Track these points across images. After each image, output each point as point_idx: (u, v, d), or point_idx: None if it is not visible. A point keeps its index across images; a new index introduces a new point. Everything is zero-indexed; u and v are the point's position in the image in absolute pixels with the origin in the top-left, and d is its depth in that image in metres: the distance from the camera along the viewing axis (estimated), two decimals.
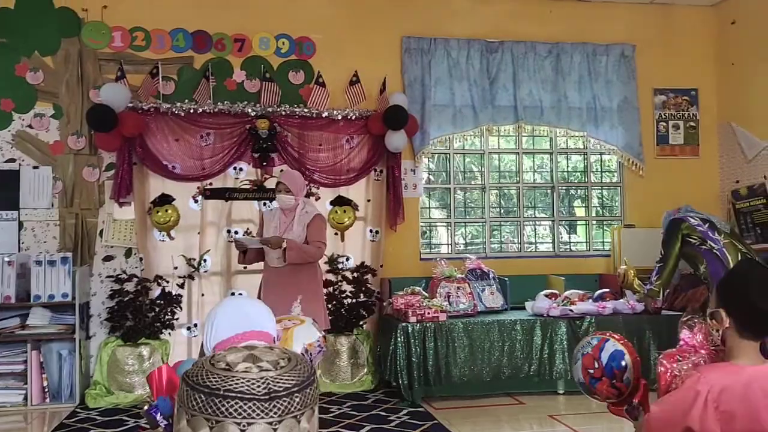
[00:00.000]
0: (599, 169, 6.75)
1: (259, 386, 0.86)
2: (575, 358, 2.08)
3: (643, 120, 6.44)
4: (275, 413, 0.85)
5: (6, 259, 4.99)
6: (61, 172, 5.45)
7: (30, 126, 5.43)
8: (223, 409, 0.84)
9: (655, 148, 6.52)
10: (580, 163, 6.76)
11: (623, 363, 2.03)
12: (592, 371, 2.08)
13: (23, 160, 5.41)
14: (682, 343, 3.96)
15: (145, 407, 2.00)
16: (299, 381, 0.90)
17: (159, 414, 1.96)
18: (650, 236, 5.59)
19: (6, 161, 5.39)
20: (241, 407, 0.84)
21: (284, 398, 0.86)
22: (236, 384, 0.86)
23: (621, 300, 5.36)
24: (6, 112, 5.39)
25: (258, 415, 0.84)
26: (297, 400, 0.88)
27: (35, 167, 5.41)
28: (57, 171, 5.44)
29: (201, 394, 0.86)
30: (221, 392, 0.85)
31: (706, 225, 4.79)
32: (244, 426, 0.83)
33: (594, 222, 6.69)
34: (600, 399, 2.11)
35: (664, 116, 6.56)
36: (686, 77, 6.57)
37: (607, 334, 2.10)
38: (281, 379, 0.89)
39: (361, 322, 5.60)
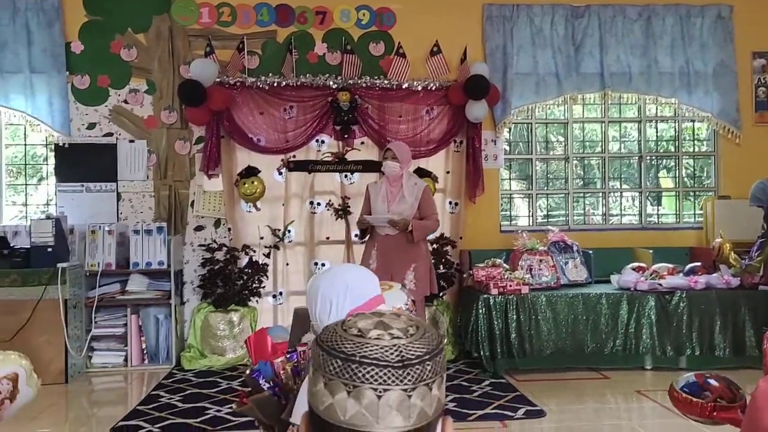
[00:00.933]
0: (689, 138, 6.44)
1: (392, 353, 0.89)
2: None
3: (741, 85, 6.09)
4: (409, 380, 0.87)
5: (107, 228, 5.29)
6: (155, 145, 5.70)
7: (125, 101, 5.69)
8: (359, 374, 0.87)
9: (754, 114, 6.15)
10: (666, 131, 6.47)
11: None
12: (708, 374, 2.09)
13: (120, 134, 5.68)
14: None
15: (247, 371, 2.09)
16: (430, 349, 0.92)
17: (262, 378, 2.05)
18: (746, 208, 5.31)
19: (104, 135, 5.68)
20: (377, 373, 0.87)
21: (417, 366, 0.88)
22: (371, 351, 0.89)
23: (714, 274, 5.14)
24: (103, 88, 5.67)
25: (393, 381, 0.86)
26: (428, 367, 0.90)
27: (131, 141, 5.68)
28: (151, 144, 5.70)
29: (338, 360, 0.89)
30: (357, 358, 0.88)
31: None
32: (380, 392, 0.86)
33: (682, 193, 6.41)
34: (708, 400, 2.05)
35: (763, 81, 6.17)
36: None
37: None
38: (412, 346, 0.91)
39: (441, 294, 5.63)
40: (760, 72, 6.17)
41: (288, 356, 1.95)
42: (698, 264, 5.32)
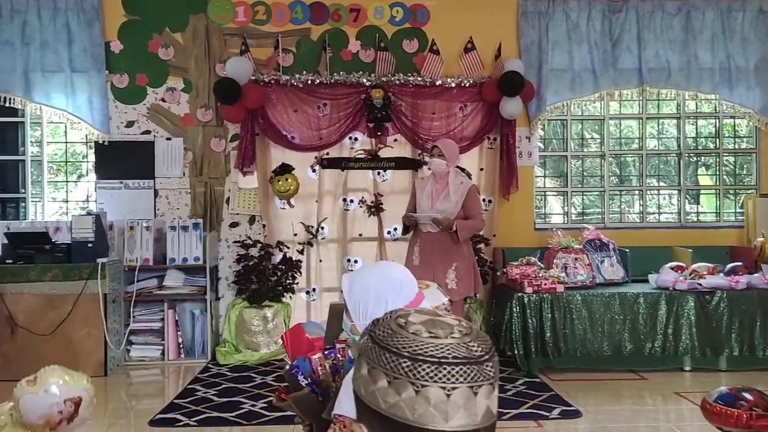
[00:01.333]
0: (730, 135, 6.29)
1: (458, 352, 0.89)
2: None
3: None
4: (476, 378, 0.88)
5: (144, 224, 5.39)
6: (191, 142, 5.78)
7: (163, 99, 5.78)
8: (427, 373, 0.87)
9: None
10: (705, 128, 6.33)
11: None
12: (741, 387, 2.07)
13: (157, 132, 5.78)
14: None
15: (286, 367, 2.10)
16: (489, 348, 0.92)
17: (300, 374, 2.05)
18: None
19: (142, 133, 5.78)
20: (446, 372, 0.87)
21: (483, 364, 0.89)
22: (436, 349, 0.89)
23: (756, 274, 5.02)
24: (141, 87, 5.77)
25: (460, 379, 0.86)
26: (491, 366, 0.91)
27: (168, 138, 5.77)
28: (187, 142, 5.78)
29: (402, 358, 0.89)
30: (424, 357, 0.88)
31: None
32: (449, 390, 0.86)
33: (722, 191, 6.27)
34: (744, 408, 2.02)
35: None
36: None
37: None
38: (475, 345, 0.91)
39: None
40: None
41: (326, 353, 1.95)
42: (739, 264, 5.20)
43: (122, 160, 5.70)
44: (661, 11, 5.88)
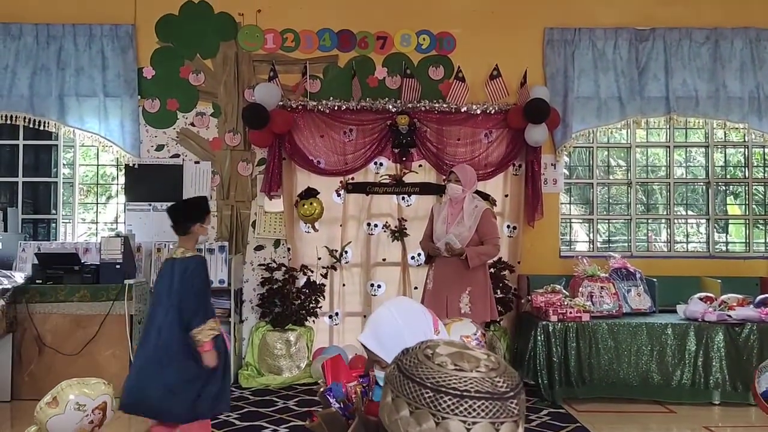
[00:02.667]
0: (759, 164, 6.21)
1: (482, 386, 0.88)
2: (764, 369, 1.98)
3: None
4: (498, 414, 0.87)
5: (171, 246, 5.44)
6: (219, 166, 5.87)
7: (192, 124, 5.89)
8: (449, 406, 0.86)
9: None
10: (734, 156, 6.25)
11: None
12: None
13: (186, 156, 5.88)
14: None
15: (321, 389, 2.13)
16: (516, 384, 0.91)
17: (332, 397, 2.07)
18: None
19: (171, 156, 5.88)
20: (468, 405, 0.86)
21: (508, 400, 0.88)
22: (460, 383, 0.88)
23: None
24: (171, 111, 5.88)
25: (482, 415, 0.86)
26: (515, 403, 0.89)
27: (196, 162, 5.87)
28: (215, 165, 5.87)
29: (425, 389, 0.88)
30: (446, 389, 0.88)
31: None
32: (469, 425, 0.85)
33: (752, 220, 6.16)
34: None
35: None
36: None
37: None
38: (501, 380, 0.90)
39: (498, 319, 5.55)
40: None
41: (361, 380, 1.97)
42: None
43: (151, 183, 5.79)
44: (689, 39, 5.87)
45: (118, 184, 6.17)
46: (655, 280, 5.41)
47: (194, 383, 3.27)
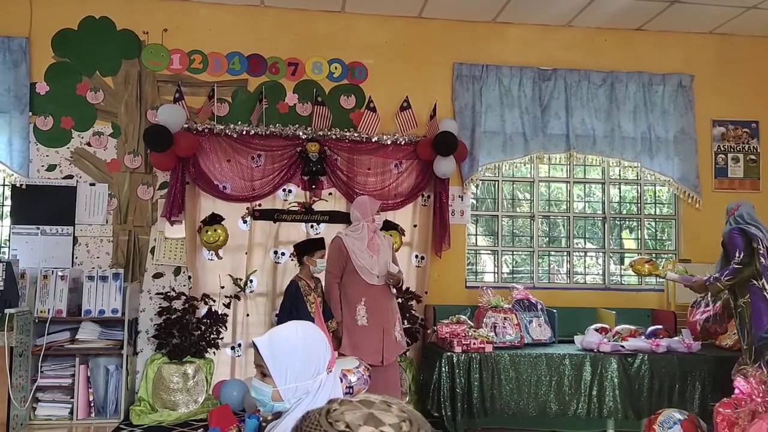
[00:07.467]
0: (651, 201, 6.57)
1: None
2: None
3: (701, 152, 6.27)
4: None
5: (60, 273, 5.10)
6: (117, 189, 5.58)
7: (89, 144, 5.58)
8: None
9: (713, 180, 6.32)
10: (629, 193, 6.59)
11: None
12: None
13: (80, 177, 5.55)
14: (737, 391, 3.75)
15: None
16: None
17: None
18: (707, 272, 5.36)
19: (64, 177, 5.54)
20: None
21: None
22: None
23: (676, 338, 5.16)
24: (66, 130, 5.56)
25: None
26: None
27: (92, 184, 5.55)
28: (113, 188, 5.57)
29: None
30: None
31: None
32: None
33: (645, 255, 6.48)
34: None
35: (723, 148, 6.36)
36: (747, 109, 6.38)
37: None
38: None
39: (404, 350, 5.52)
40: (720, 140, 6.36)
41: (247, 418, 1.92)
42: (659, 327, 5.34)
43: (41, 205, 5.43)
44: (587, 81, 6.17)
45: (3, 206, 5.74)
46: (555, 311, 5.57)
47: None
